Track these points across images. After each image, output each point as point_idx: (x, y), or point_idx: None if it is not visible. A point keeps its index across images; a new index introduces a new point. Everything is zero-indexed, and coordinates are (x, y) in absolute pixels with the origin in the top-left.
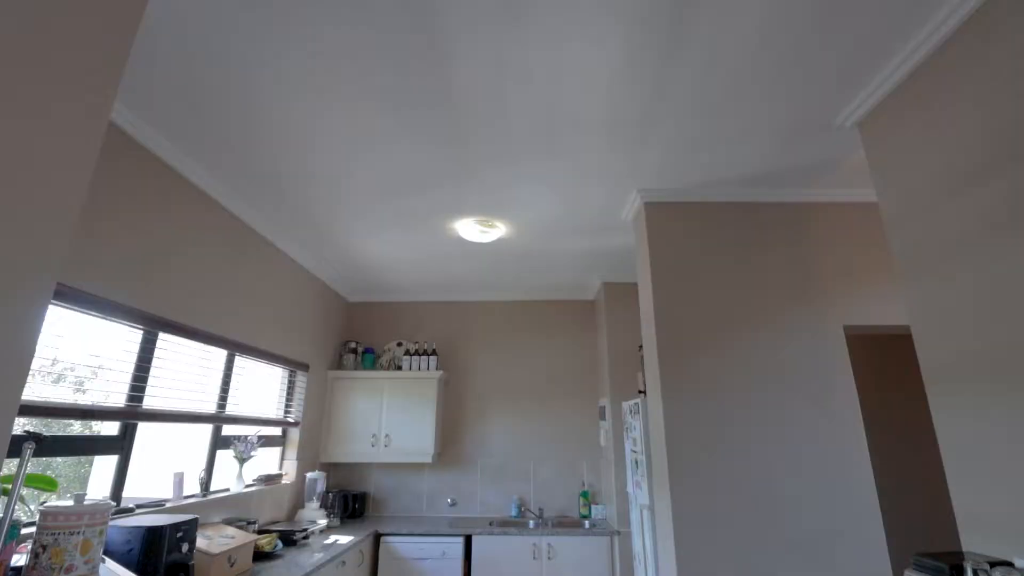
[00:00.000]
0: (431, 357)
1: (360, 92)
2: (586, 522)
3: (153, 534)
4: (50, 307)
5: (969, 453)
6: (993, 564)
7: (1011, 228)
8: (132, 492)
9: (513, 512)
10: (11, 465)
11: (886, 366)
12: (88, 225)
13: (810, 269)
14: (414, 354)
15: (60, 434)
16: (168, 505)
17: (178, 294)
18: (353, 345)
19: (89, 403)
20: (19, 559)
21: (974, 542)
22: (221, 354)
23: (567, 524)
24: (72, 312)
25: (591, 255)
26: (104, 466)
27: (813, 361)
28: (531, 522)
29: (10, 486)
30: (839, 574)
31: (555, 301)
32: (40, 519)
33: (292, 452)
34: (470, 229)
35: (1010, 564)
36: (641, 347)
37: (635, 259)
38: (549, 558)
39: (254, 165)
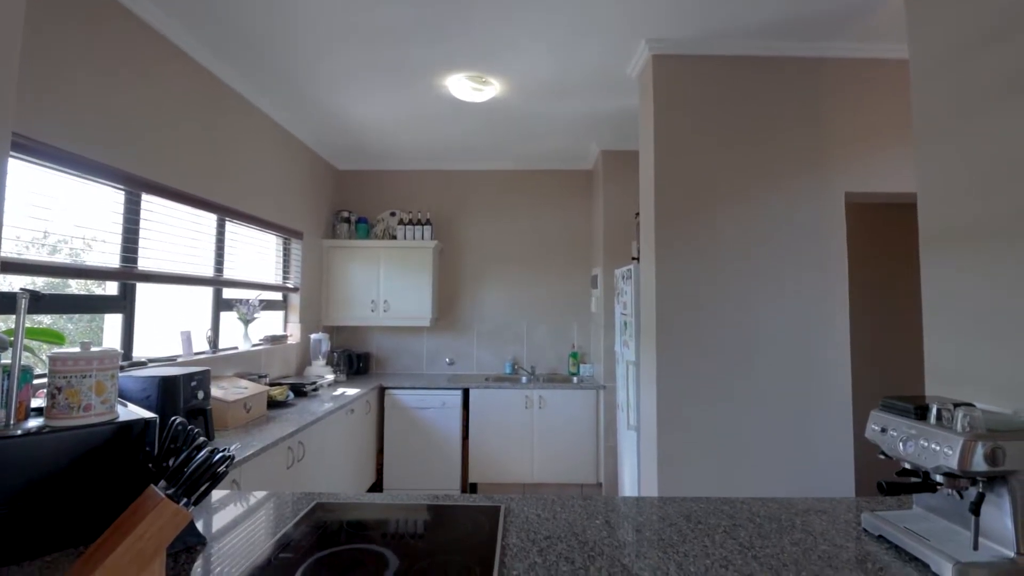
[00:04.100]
0: (425, 227)
1: None
2: (575, 378)
3: (168, 383)
4: (23, 165)
5: (950, 307)
6: (956, 405)
7: None
8: (142, 352)
9: (507, 370)
10: (13, 324)
11: (874, 234)
12: (56, 81)
13: (818, 132)
14: (408, 224)
15: (60, 293)
16: (179, 360)
17: (158, 155)
18: (346, 214)
19: (83, 263)
20: (38, 403)
21: (939, 389)
22: (211, 219)
23: (557, 380)
24: (44, 170)
25: (591, 118)
26: (113, 329)
27: (812, 226)
28: (524, 378)
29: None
30: (804, 419)
31: (551, 171)
32: (50, 364)
33: (295, 316)
34: (462, 86)
35: (972, 405)
36: (637, 215)
37: (636, 123)
38: (540, 408)
39: (232, 16)
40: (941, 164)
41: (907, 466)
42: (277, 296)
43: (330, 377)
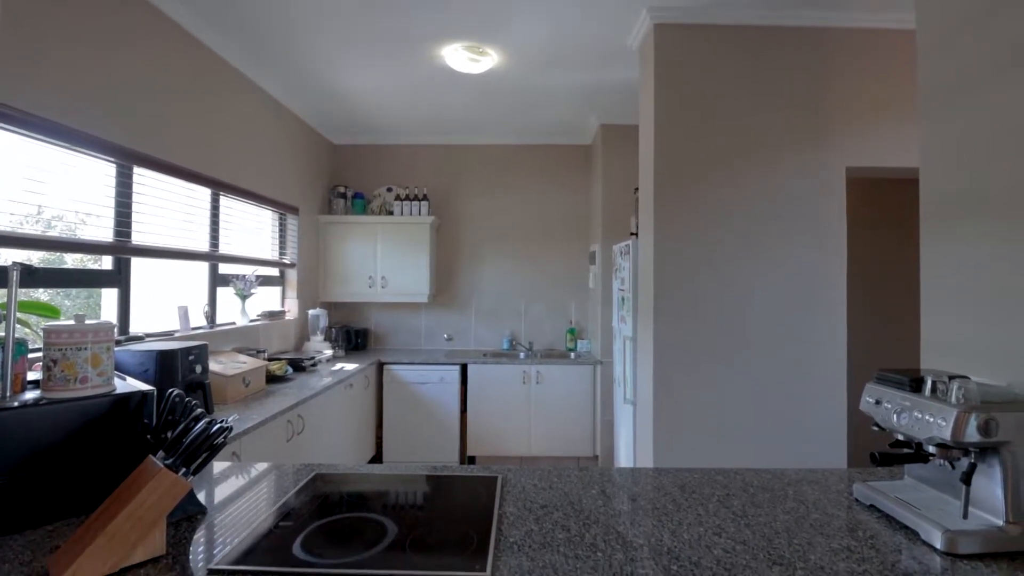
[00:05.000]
0: (422, 203)
1: None
2: (572, 354)
3: (165, 357)
4: (11, 136)
5: (947, 281)
6: (951, 377)
7: None
8: (139, 328)
9: (505, 346)
10: (11, 300)
11: (875, 209)
12: (45, 52)
13: (821, 104)
14: (405, 199)
15: (54, 267)
16: (177, 335)
17: (149, 127)
18: (342, 190)
19: (76, 237)
20: (36, 376)
21: (935, 362)
22: (205, 193)
23: (555, 356)
24: (34, 142)
25: (590, 91)
26: (111, 306)
27: (812, 200)
28: (521, 354)
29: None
30: (799, 392)
31: (550, 146)
32: (45, 336)
33: (292, 291)
34: (458, 57)
35: (966, 377)
36: (636, 190)
37: (636, 96)
38: (537, 383)
39: None
40: (944, 137)
41: (900, 437)
42: (274, 272)
43: (328, 352)
